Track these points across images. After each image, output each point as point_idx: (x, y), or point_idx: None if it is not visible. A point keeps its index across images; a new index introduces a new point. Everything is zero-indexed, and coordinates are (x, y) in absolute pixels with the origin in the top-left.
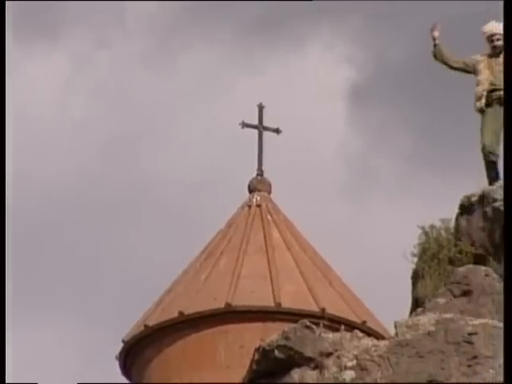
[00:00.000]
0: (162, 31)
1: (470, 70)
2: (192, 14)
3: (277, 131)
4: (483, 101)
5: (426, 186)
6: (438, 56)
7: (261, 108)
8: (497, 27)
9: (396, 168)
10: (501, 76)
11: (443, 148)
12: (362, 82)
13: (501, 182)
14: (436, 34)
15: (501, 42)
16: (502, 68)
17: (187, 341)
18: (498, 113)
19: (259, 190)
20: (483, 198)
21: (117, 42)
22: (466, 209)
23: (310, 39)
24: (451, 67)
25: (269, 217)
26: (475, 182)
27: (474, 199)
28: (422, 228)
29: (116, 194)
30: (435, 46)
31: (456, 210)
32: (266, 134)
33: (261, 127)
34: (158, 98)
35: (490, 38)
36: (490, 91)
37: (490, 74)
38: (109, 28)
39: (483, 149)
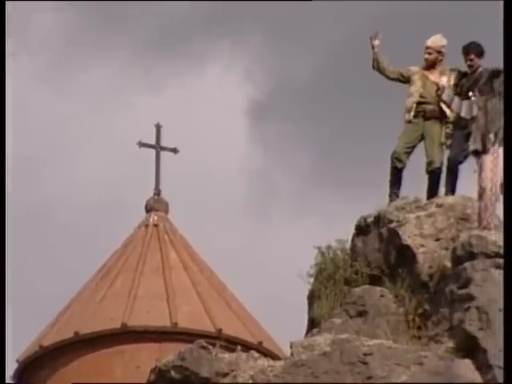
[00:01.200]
0: (57, 48)
1: (406, 80)
2: (89, 31)
3: (174, 151)
4: (412, 113)
5: (325, 205)
6: (375, 65)
7: (158, 127)
8: (433, 40)
9: (295, 186)
10: (432, 89)
11: (342, 166)
12: (263, 99)
13: (396, 203)
14: (376, 42)
15: (431, 57)
16: (433, 81)
17: (83, 361)
18: (419, 126)
19: (156, 210)
20: (379, 219)
21: (15, 58)
22: (361, 229)
23: (210, 57)
24: (388, 77)
25: (166, 237)
26: (373, 201)
27: (369, 220)
28: (319, 248)
29: (11, 211)
30: (374, 54)
31: (352, 230)
32: (164, 153)
33: (158, 147)
34: (56, 117)
35: (424, 51)
36: (418, 103)
37: (420, 86)
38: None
39: (392, 154)
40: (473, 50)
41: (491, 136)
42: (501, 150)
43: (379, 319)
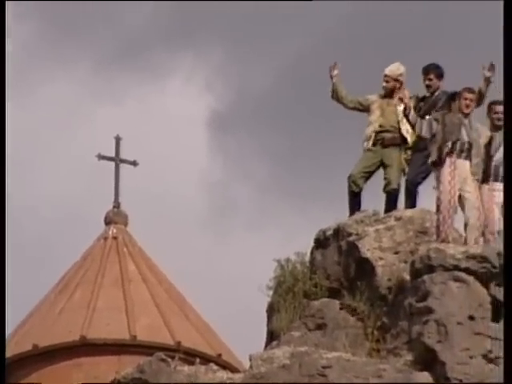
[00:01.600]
0: (18, 61)
1: (365, 109)
2: (49, 43)
3: (134, 163)
4: (371, 142)
5: (284, 217)
6: (333, 95)
7: (118, 140)
8: (390, 69)
9: (255, 198)
10: (391, 117)
11: (302, 179)
12: (223, 110)
13: (355, 216)
14: (335, 72)
15: (389, 85)
16: (394, 109)
17: (42, 374)
18: (377, 153)
19: (115, 223)
20: (338, 232)
21: None
22: (321, 243)
23: (170, 68)
24: (346, 106)
25: (125, 249)
26: (332, 214)
27: (329, 233)
28: (278, 261)
29: None
30: (333, 84)
31: (312, 244)
32: (123, 166)
33: (118, 159)
34: (15, 128)
35: (383, 79)
36: (377, 132)
37: (379, 115)
38: None
39: (349, 177)
40: (433, 70)
41: (448, 144)
42: (458, 162)
43: (338, 332)
